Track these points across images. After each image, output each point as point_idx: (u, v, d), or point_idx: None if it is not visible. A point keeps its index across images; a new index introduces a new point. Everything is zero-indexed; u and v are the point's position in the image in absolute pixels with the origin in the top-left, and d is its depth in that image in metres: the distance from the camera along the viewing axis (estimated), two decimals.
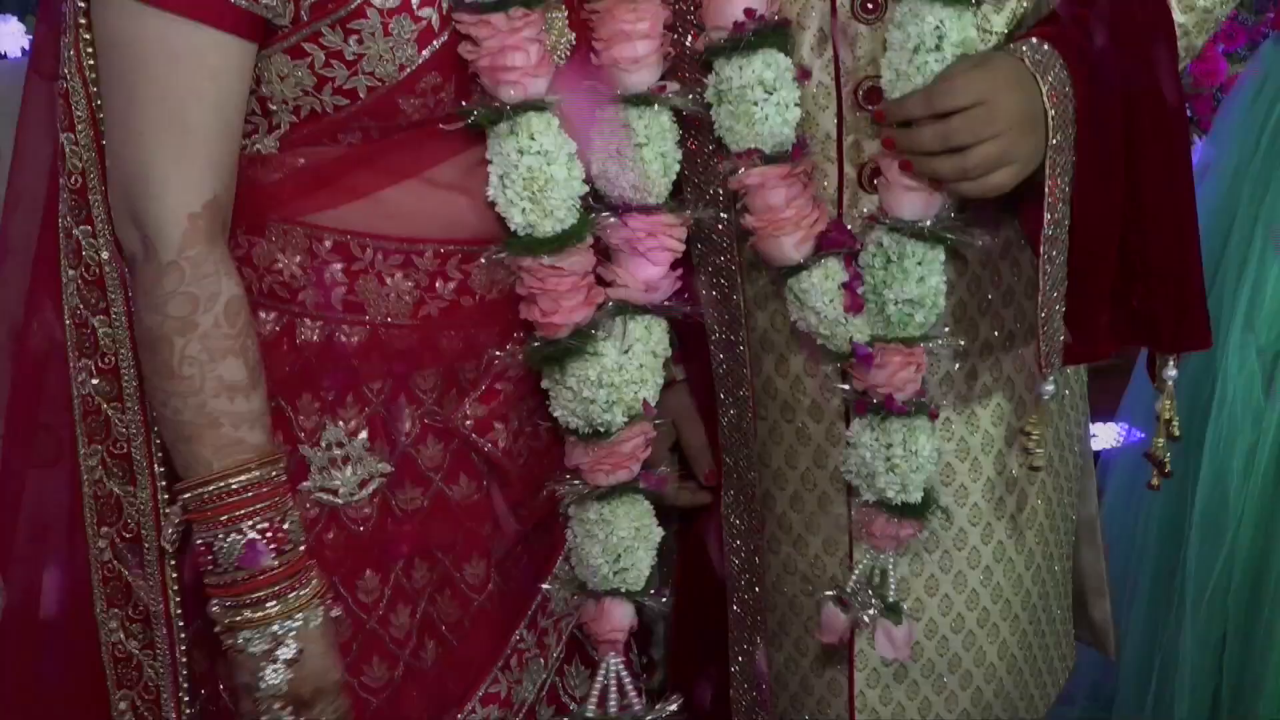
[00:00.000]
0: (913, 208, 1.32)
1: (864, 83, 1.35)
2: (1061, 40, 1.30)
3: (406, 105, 1.20)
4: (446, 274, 1.26)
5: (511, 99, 1.20)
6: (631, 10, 1.26)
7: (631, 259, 1.31)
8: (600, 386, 1.29)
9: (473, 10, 1.17)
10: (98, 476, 1.29)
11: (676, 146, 1.31)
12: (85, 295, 1.26)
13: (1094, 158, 1.32)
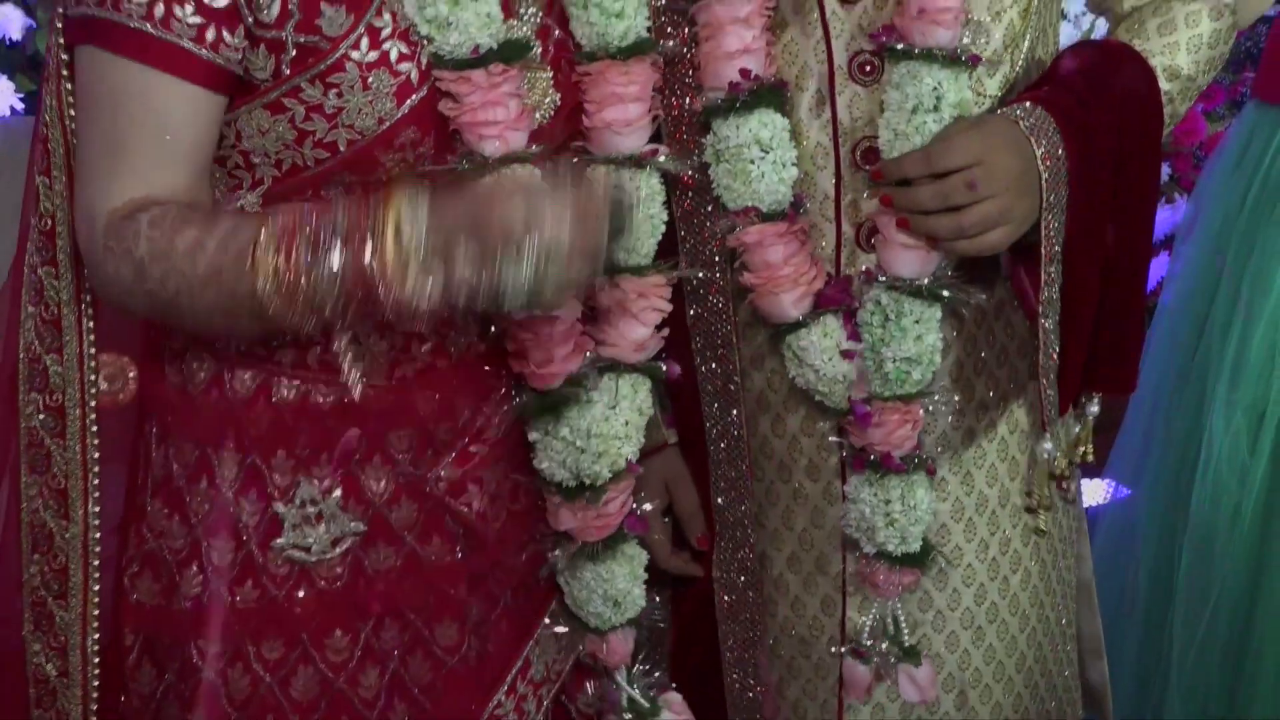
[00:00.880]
0: (910, 266, 1.33)
1: (861, 143, 1.36)
2: (1054, 104, 1.31)
3: (386, 159, 1.20)
4: (423, 336, 1.26)
5: (494, 152, 1.20)
6: (623, 74, 1.27)
7: (621, 319, 1.30)
8: (591, 437, 1.28)
9: (452, 67, 1.18)
10: (35, 507, 1.30)
11: (664, 208, 1.31)
12: (41, 333, 1.27)
13: (1084, 218, 1.33)
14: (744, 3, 1.30)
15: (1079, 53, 1.40)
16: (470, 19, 1.17)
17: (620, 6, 1.26)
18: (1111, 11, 1.47)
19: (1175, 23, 1.42)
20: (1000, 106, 1.35)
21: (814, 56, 1.35)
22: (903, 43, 1.29)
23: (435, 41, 1.18)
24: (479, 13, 1.17)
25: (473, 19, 1.17)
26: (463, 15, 1.17)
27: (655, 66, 1.29)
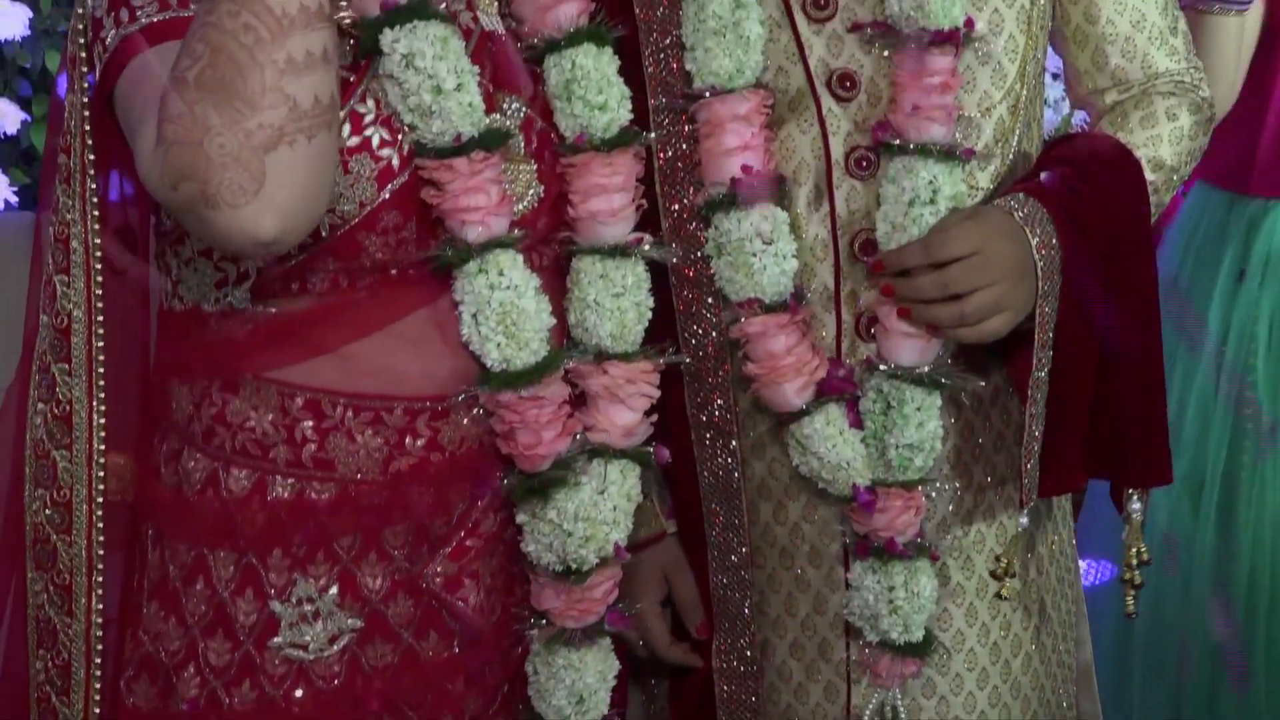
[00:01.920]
0: (910, 354, 1.34)
1: (859, 235, 1.37)
2: (1046, 195, 1.34)
3: (369, 244, 1.20)
4: (416, 430, 1.25)
5: (477, 238, 1.21)
6: (607, 164, 1.28)
7: (611, 405, 1.30)
8: (578, 520, 1.28)
9: (434, 155, 1.19)
10: (40, 602, 1.28)
11: (649, 295, 1.32)
12: (51, 429, 1.27)
13: (1077, 305, 1.35)
14: (743, 101, 1.33)
15: (1067, 145, 1.43)
16: (453, 108, 1.18)
17: (603, 99, 1.28)
18: (1094, 106, 1.51)
19: (1157, 116, 1.45)
20: (992, 198, 1.37)
21: (811, 152, 1.37)
22: (898, 139, 1.32)
23: (418, 129, 1.19)
24: (461, 102, 1.19)
25: (455, 108, 1.19)
26: (446, 104, 1.18)
27: (638, 157, 1.31)
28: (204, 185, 1.07)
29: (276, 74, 1.07)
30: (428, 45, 1.17)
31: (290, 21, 1.08)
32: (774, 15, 1.36)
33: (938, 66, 1.31)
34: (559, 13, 1.28)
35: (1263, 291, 2.17)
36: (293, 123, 1.08)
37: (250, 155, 1.06)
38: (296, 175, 1.08)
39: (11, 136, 2.52)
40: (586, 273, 1.29)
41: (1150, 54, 1.45)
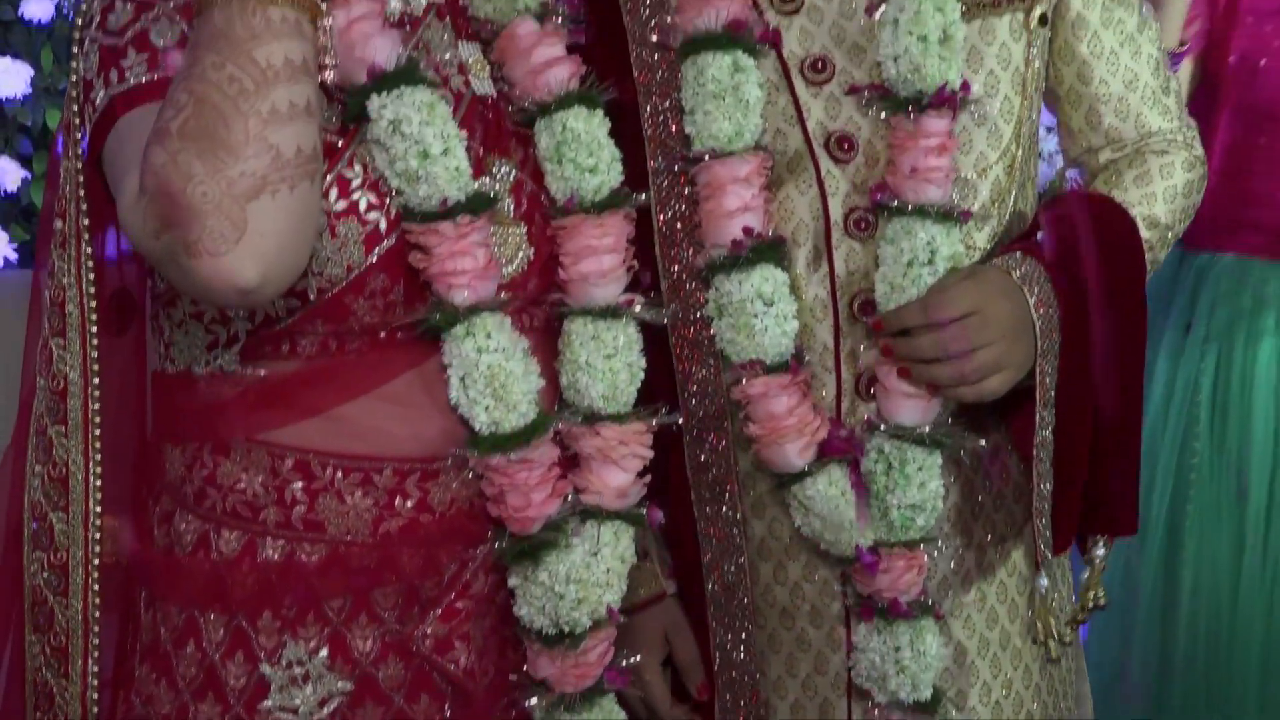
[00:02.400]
0: (910, 414, 1.34)
1: (859, 295, 1.37)
2: (1043, 255, 1.34)
3: (357, 307, 1.20)
4: (405, 491, 1.25)
5: (464, 301, 1.20)
6: (597, 226, 1.28)
7: (603, 466, 1.29)
8: (570, 583, 1.26)
9: (421, 219, 1.19)
10: (38, 665, 1.27)
11: (642, 356, 1.31)
12: (48, 491, 1.26)
13: (1076, 363, 1.35)
14: (743, 163, 1.33)
15: (1063, 204, 1.43)
16: (439, 173, 1.18)
17: (594, 161, 1.28)
18: (1088, 165, 1.51)
19: (1151, 174, 1.46)
20: (990, 257, 1.38)
21: (810, 213, 1.38)
22: (896, 200, 1.33)
23: (405, 194, 1.19)
24: (448, 167, 1.19)
25: (442, 173, 1.18)
26: (432, 169, 1.18)
27: (628, 218, 1.30)
28: (185, 233, 1.06)
29: (260, 123, 1.07)
30: (414, 111, 1.17)
31: (274, 74, 1.08)
32: (772, 78, 1.37)
33: (934, 129, 1.31)
34: (549, 76, 1.28)
35: (1207, 344, 2.21)
36: (275, 172, 1.07)
37: (232, 203, 1.06)
38: (278, 224, 1.08)
39: (11, 194, 2.53)
40: (578, 334, 1.28)
41: (1143, 113, 1.46)
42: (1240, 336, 2.19)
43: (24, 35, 2.51)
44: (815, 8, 1.38)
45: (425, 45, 1.27)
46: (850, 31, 1.37)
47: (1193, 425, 2.21)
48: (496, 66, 1.31)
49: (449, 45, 1.29)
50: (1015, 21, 1.39)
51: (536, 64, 1.29)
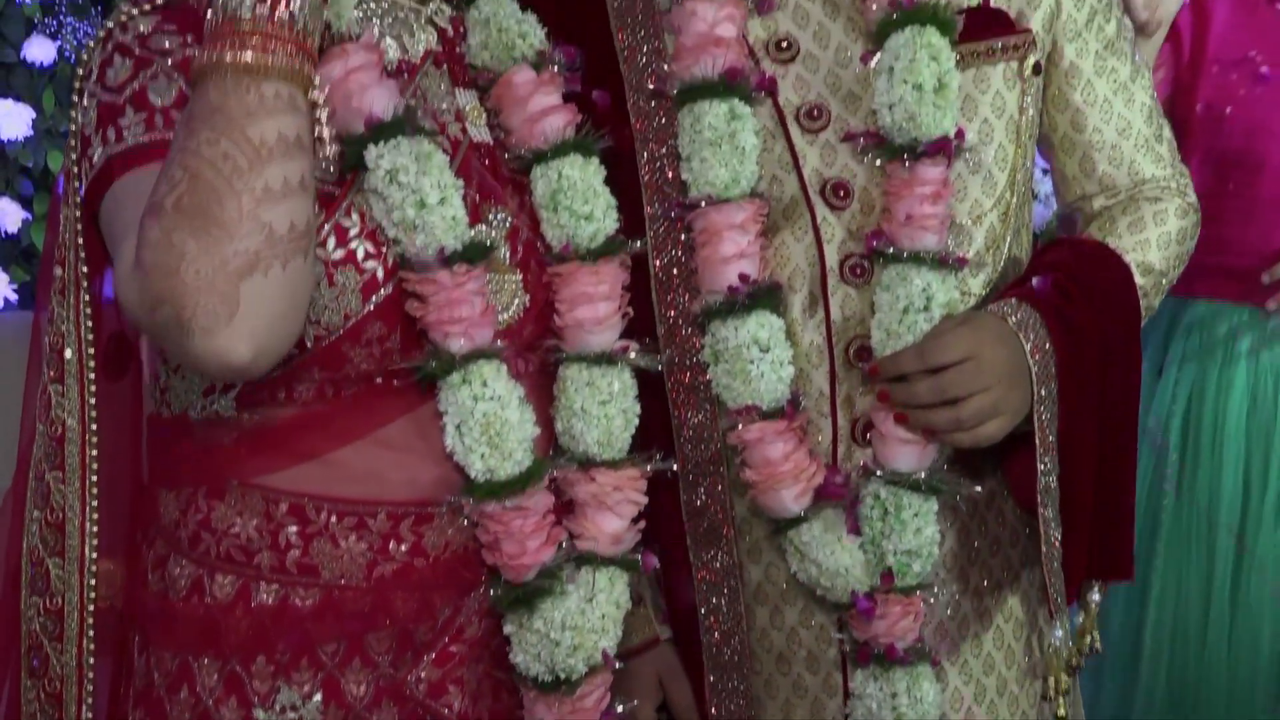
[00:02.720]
0: (907, 460, 1.33)
1: (854, 341, 1.37)
2: (1039, 301, 1.34)
3: (353, 354, 1.20)
4: (400, 535, 1.24)
5: (460, 349, 1.20)
6: (593, 274, 1.28)
7: (598, 512, 1.29)
8: (565, 629, 1.26)
9: (418, 268, 1.18)
10: (32, 710, 1.27)
11: (636, 402, 1.31)
12: (45, 536, 1.26)
13: (1074, 409, 1.34)
14: (739, 210, 1.33)
15: (1058, 250, 1.43)
16: (436, 222, 1.18)
17: (589, 209, 1.28)
18: (1082, 211, 1.51)
19: (1144, 221, 1.46)
20: (985, 304, 1.38)
21: (806, 259, 1.38)
22: (892, 247, 1.33)
23: (402, 243, 1.19)
24: (445, 216, 1.19)
25: (438, 222, 1.18)
26: (429, 218, 1.18)
27: (624, 265, 1.31)
28: (179, 311, 1.06)
29: (253, 202, 1.07)
30: (411, 161, 1.17)
31: (269, 151, 1.08)
32: (768, 125, 1.37)
33: (930, 176, 1.32)
34: (546, 124, 1.29)
35: (1178, 388, 2.22)
36: (268, 249, 1.08)
37: (225, 282, 1.06)
38: (271, 302, 1.09)
39: (12, 235, 2.53)
40: (573, 380, 1.29)
41: (1137, 161, 1.47)
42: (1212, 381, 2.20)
43: (26, 77, 2.53)
44: (811, 56, 1.39)
45: (423, 93, 1.27)
46: (845, 79, 1.38)
47: (1161, 467, 2.22)
48: (493, 113, 1.32)
49: (446, 92, 1.29)
50: (1009, 70, 1.39)
51: (533, 112, 1.29)
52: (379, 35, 1.24)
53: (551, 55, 1.33)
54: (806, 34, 1.39)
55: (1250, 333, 2.20)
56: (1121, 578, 1.44)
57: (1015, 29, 1.39)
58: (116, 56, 1.18)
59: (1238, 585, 2.17)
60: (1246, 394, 2.19)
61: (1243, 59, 2.15)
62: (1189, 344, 2.23)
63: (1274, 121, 2.15)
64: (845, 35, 1.38)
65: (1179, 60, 2.21)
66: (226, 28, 1.09)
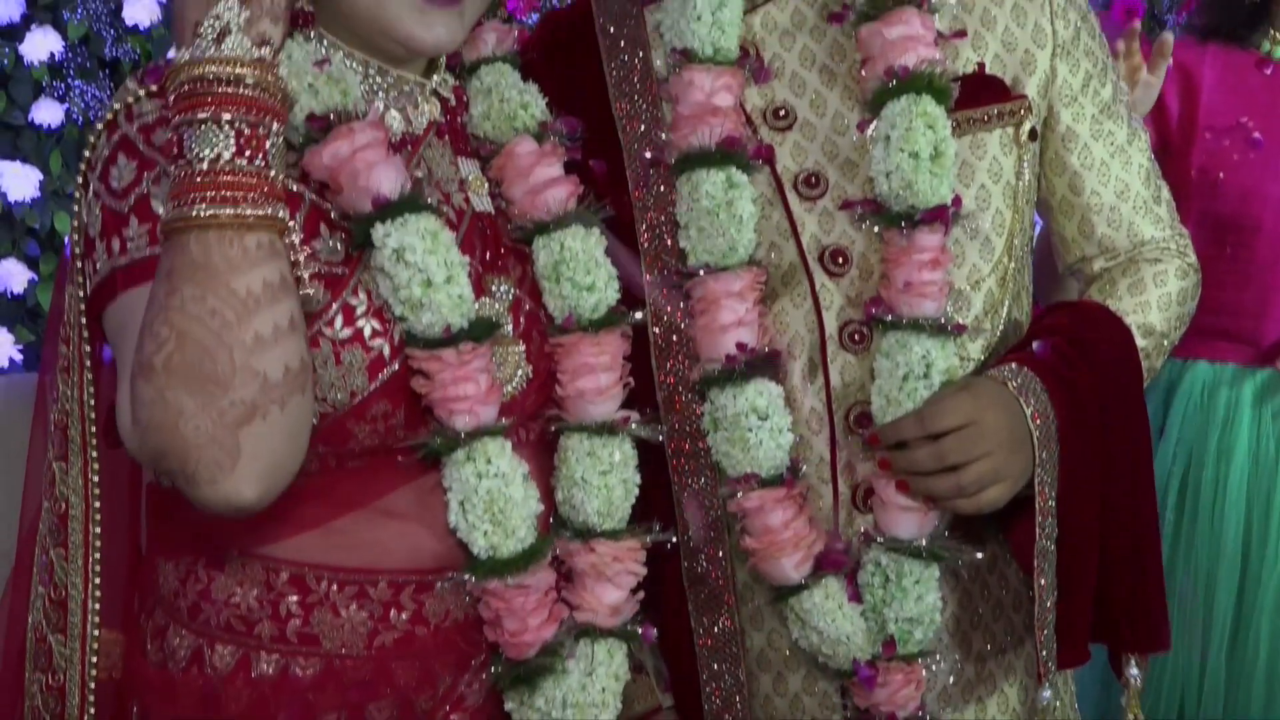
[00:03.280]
0: (908, 527, 1.32)
1: (854, 408, 1.36)
2: (1039, 365, 1.33)
3: (358, 430, 1.19)
4: (400, 604, 1.23)
5: (464, 426, 1.20)
6: (594, 345, 1.27)
7: (598, 584, 1.28)
8: (566, 707, 1.25)
9: (424, 346, 1.18)
10: None
11: (637, 473, 1.30)
12: (49, 612, 1.25)
13: (1076, 473, 1.33)
14: (737, 278, 1.32)
15: (1058, 314, 1.42)
16: (443, 300, 1.18)
17: (591, 280, 1.28)
18: (1082, 273, 1.51)
19: (1145, 282, 1.46)
20: (985, 369, 1.36)
21: (805, 326, 1.37)
22: (891, 314, 1.32)
23: (408, 321, 1.18)
24: (451, 294, 1.18)
25: (445, 300, 1.18)
26: (435, 297, 1.18)
27: (625, 335, 1.30)
28: (183, 464, 1.08)
29: (245, 353, 1.08)
30: (418, 239, 1.17)
31: (255, 300, 1.09)
32: (766, 193, 1.37)
33: (927, 244, 1.31)
34: (548, 196, 1.29)
35: (1179, 450, 2.21)
36: (264, 396, 1.08)
37: (224, 433, 1.07)
38: (271, 444, 1.09)
39: (18, 296, 2.54)
40: (574, 450, 1.28)
41: (1136, 222, 1.46)
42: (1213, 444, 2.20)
43: (34, 139, 2.54)
44: (808, 124, 1.39)
45: (427, 164, 1.27)
46: (843, 147, 1.38)
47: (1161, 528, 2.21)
48: (495, 183, 1.32)
49: (449, 162, 1.29)
50: (1005, 136, 1.39)
51: (536, 184, 1.29)
52: (383, 109, 1.24)
53: (553, 126, 1.32)
54: (803, 102, 1.39)
55: (1250, 395, 2.20)
56: (1158, 649, 1.41)
57: (1010, 95, 1.39)
58: (121, 155, 1.17)
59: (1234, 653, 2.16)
60: (1248, 457, 2.18)
61: (1234, 125, 2.16)
62: (1189, 406, 2.22)
63: (1268, 186, 2.15)
64: (842, 103, 1.38)
65: (1167, 126, 2.22)
66: (200, 179, 1.09)
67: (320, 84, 1.18)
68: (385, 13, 1.20)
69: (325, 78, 1.19)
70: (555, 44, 1.46)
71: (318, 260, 1.18)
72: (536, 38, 1.51)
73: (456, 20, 1.22)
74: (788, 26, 1.40)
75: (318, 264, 1.18)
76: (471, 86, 1.33)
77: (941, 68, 1.33)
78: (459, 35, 1.23)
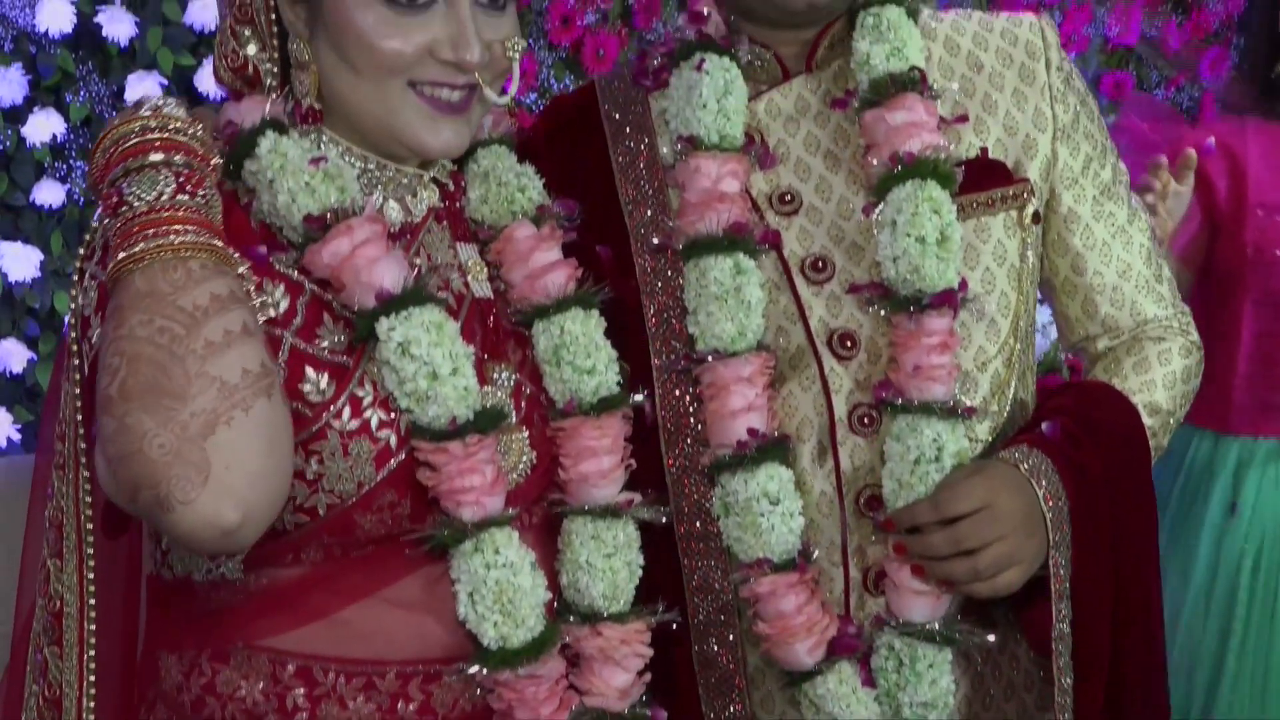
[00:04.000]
0: (921, 611, 1.30)
1: (864, 491, 1.34)
2: (1049, 446, 1.32)
3: (364, 521, 1.18)
4: (409, 695, 1.21)
5: (471, 517, 1.18)
6: (596, 428, 1.26)
7: (605, 667, 1.26)
8: None
9: (430, 438, 1.17)
10: None
11: (640, 554, 1.29)
12: (42, 711, 1.23)
13: (1088, 554, 1.31)
14: (746, 364, 1.31)
15: (1065, 394, 1.42)
16: (448, 393, 1.17)
17: (591, 363, 1.27)
18: (1086, 352, 1.50)
19: (1149, 361, 1.45)
20: (992, 450, 1.35)
21: (814, 409, 1.35)
22: (901, 398, 1.31)
23: (414, 413, 1.17)
24: (456, 386, 1.17)
25: (450, 393, 1.17)
26: (441, 390, 1.17)
27: (626, 418, 1.29)
28: (155, 489, 1.04)
29: (198, 361, 1.06)
30: (422, 332, 1.16)
31: (203, 312, 1.07)
32: (773, 278, 1.36)
33: (936, 327, 1.30)
34: (548, 281, 1.28)
35: (1251, 526, 2.20)
36: (224, 401, 1.06)
37: (189, 447, 1.04)
38: (242, 452, 1.06)
39: (16, 376, 2.52)
40: (578, 534, 1.27)
41: (1138, 301, 1.46)
42: None
43: (34, 220, 2.53)
44: (814, 208, 1.39)
45: (427, 251, 1.27)
46: (848, 231, 1.38)
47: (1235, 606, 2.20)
48: (494, 267, 1.31)
49: (448, 247, 1.28)
50: (1009, 219, 1.39)
51: (535, 269, 1.29)
52: (381, 200, 1.24)
53: (551, 209, 1.32)
54: (808, 187, 1.39)
55: None
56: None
57: (1013, 179, 1.39)
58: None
59: None
60: None
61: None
62: (1264, 482, 2.22)
63: None
64: (846, 188, 1.38)
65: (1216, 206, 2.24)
66: (142, 218, 1.09)
67: (317, 182, 1.18)
68: (396, 120, 1.20)
69: (321, 175, 1.18)
70: (560, 128, 1.46)
71: (321, 351, 1.17)
72: (542, 122, 1.52)
73: (464, 126, 1.23)
74: (791, 112, 1.41)
75: (322, 354, 1.17)
76: (469, 170, 1.32)
77: (945, 153, 1.33)
78: (466, 140, 1.24)
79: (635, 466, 1.30)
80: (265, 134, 1.19)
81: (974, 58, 1.41)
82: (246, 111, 1.21)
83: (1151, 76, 3.21)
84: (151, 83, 2.54)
